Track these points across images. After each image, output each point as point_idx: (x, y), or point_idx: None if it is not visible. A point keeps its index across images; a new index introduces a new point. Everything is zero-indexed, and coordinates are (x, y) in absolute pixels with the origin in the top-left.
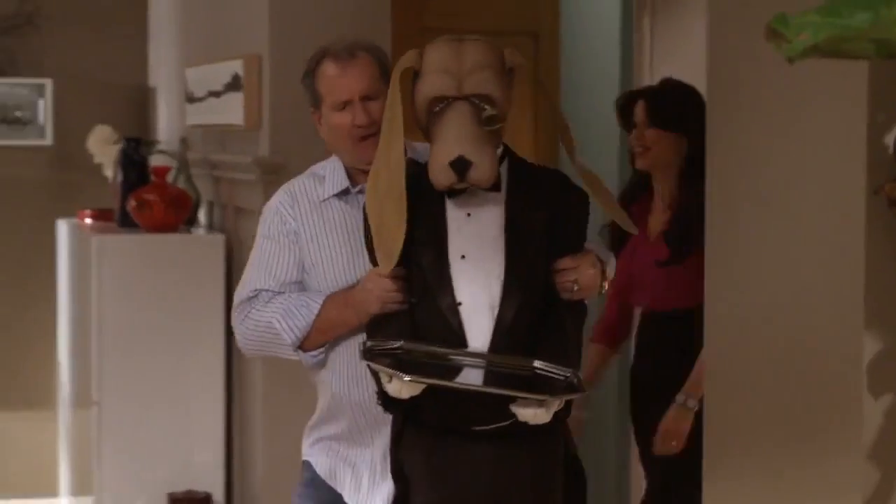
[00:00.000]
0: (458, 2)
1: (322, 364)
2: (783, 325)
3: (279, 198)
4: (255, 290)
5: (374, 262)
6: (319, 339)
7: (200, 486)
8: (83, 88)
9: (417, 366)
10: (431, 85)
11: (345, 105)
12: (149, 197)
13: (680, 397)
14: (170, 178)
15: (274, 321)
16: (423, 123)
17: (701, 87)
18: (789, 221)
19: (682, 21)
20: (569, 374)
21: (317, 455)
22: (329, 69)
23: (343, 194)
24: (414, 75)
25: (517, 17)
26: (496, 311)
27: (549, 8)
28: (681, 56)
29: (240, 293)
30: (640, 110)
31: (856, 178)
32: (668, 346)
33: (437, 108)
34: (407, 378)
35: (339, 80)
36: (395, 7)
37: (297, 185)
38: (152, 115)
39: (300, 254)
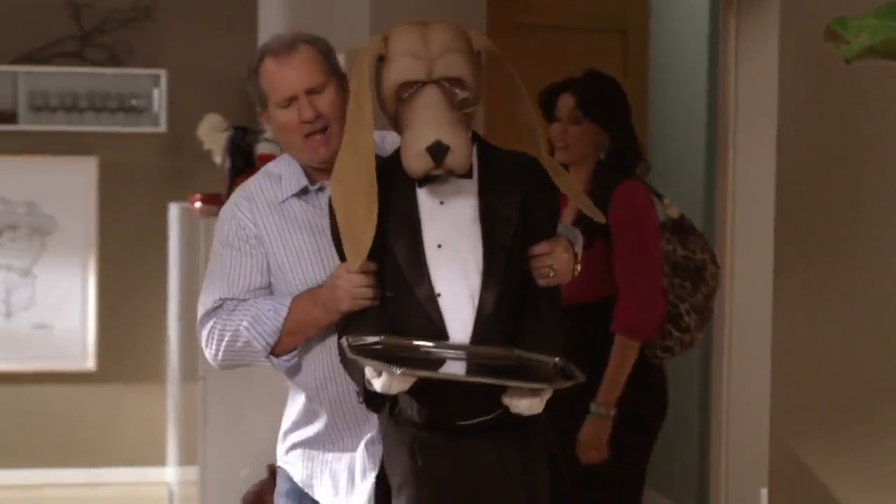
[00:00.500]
0: (544, 0)
1: (296, 367)
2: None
3: (235, 202)
4: (219, 300)
5: (342, 257)
6: (290, 342)
7: None
8: (195, 79)
9: (400, 361)
10: (400, 70)
11: (290, 101)
12: None
13: (595, 407)
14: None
15: (241, 329)
16: (390, 111)
17: (774, 85)
18: (857, 214)
19: (766, 20)
20: (556, 361)
21: (293, 462)
22: (270, 66)
23: (302, 193)
24: (377, 62)
25: (607, 15)
26: (476, 301)
27: (638, 5)
28: (764, 54)
29: (203, 304)
30: (566, 104)
31: None
32: (576, 339)
33: (406, 94)
34: (398, 371)
35: (280, 76)
36: (490, 4)
37: (253, 187)
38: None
39: (263, 258)
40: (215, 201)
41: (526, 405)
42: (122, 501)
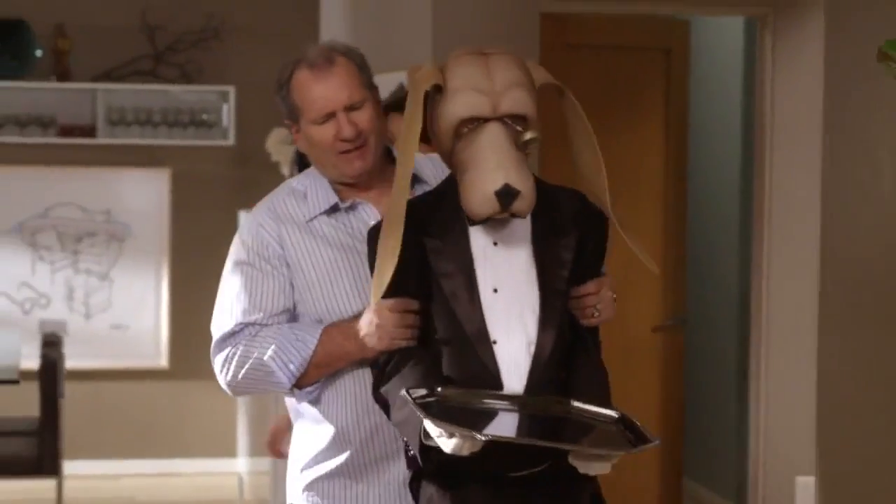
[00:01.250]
0: (599, 19)
1: (322, 399)
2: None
3: (259, 220)
4: (240, 324)
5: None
6: (316, 374)
7: None
8: (262, 94)
9: (454, 414)
10: (463, 105)
11: (327, 118)
12: None
13: None
14: None
15: (266, 358)
16: (446, 145)
17: (817, 101)
18: (890, 207)
19: (801, 40)
20: (616, 416)
21: (314, 499)
22: (305, 78)
23: (332, 211)
24: (434, 92)
25: (651, 34)
26: (532, 349)
27: (680, 26)
28: (798, 73)
29: (219, 326)
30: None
31: None
32: None
33: (466, 130)
34: (480, 437)
35: (319, 91)
36: (543, 24)
37: (277, 204)
38: None
39: (286, 280)
40: None
41: (597, 468)
42: (195, 491)
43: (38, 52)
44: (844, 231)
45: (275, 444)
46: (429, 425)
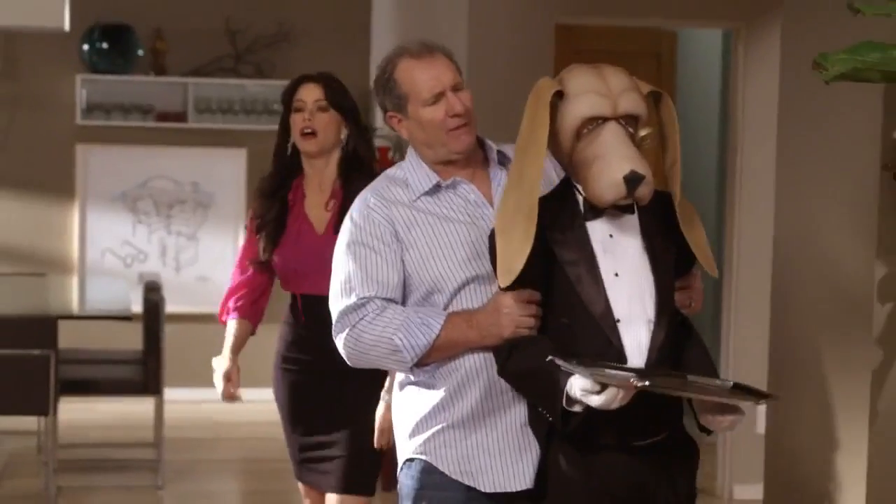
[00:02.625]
0: (603, 30)
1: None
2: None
3: (367, 202)
4: (362, 299)
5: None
6: (436, 356)
7: None
8: None
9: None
10: (587, 105)
11: (437, 98)
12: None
13: (388, 396)
14: (389, 155)
15: (395, 338)
16: (566, 146)
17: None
18: (830, 188)
19: (766, 49)
20: (731, 383)
21: (437, 451)
22: (410, 66)
23: (434, 190)
24: (555, 98)
25: (645, 42)
26: (652, 327)
27: (669, 35)
28: (764, 77)
29: (341, 302)
30: (312, 92)
31: (873, 160)
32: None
33: (587, 130)
34: (639, 383)
35: (427, 74)
36: (557, 33)
37: (382, 189)
38: (373, 110)
39: (397, 257)
40: None
41: (728, 422)
42: (261, 414)
43: (140, 52)
44: (794, 217)
45: (228, 388)
46: (578, 382)
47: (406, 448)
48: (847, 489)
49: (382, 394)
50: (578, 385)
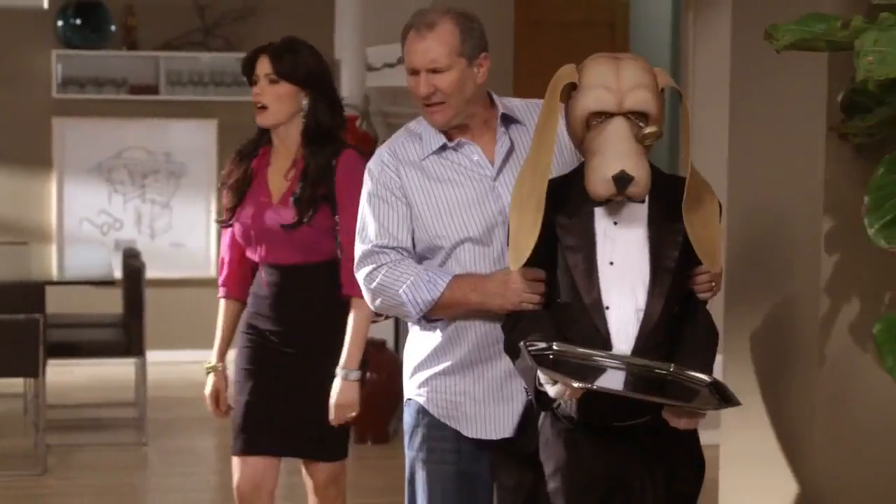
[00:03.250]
0: (554, 1)
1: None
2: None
3: (382, 159)
4: (377, 246)
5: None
6: (441, 313)
7: (378, 335)
8: None
9: (567, 366)
10: (592, 100)
11: (413, 73)
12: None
13: (342, 371)
14: (357, 123)
15: (402, 292)
16: (578, 135)
17: (726, 67)
18: (780, 148)
19: (715, 15)
20: (709, 381)
21: (429, 395)
22: (409, 38)
23: (441, 150)
24: (570, 88)
25: (599, 11)
26: (641, 316)
27: (622, 5)
28: (713, 42)
29: (360, 247)
30: (263, 65)
31: (820, 122)
32: (298, 298)
33: (595, 122)
34: (577, 385)
35: (411, 49)
36: (516, 4)
37: (397, 147)
38: (337, 80)
39: (407, 209)
40: None
41: (684, 423)
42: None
43: (113, 28)
44: (747, 178)
45: (217, 403)
46: (539, 373)
47: (407, 387)
48: (794, 429)
49: (337, 370)
50: (540, 374)
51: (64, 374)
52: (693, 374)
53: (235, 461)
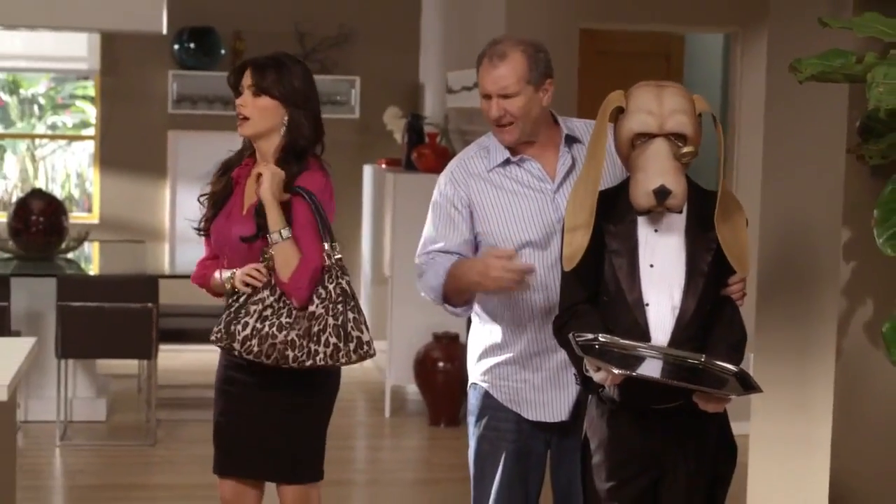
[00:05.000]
0: (621, 33)
1: (493, 310)
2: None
3: (453, 171)
4: (429, 251)
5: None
6: (458, 298)
7: (452, 329)
8: (379, 82)
9: (611, 355)
10: (637, 122)
11: (486, 97)
12: (424, 151)
13: (274, 235)
14: (437, 140)
15: (425, 277)
16: (624, 153)
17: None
18: (805, 167)
19: (760, 51)
20: (736, 371)
21: (493, 381)
22: (483, 66)
23: (505, 164)
24: (618, 111)
25: (656, 44)
26: (677, 313)
27: (677, 38)
28: (758, 76)
29: (421, 244)
30: (247, 76)
31: (840, 144)
32: None
33: (639, 143)
34: (618, 372)
35: (484, 76)
36: (581, 36)
37: (468, 161)
38: (422, 101)
39: (464, 222)
40: (395, 164)
41: (712, 406)
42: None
43: (223, 51)
44: (778, 193)
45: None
46: (585, 361)
47: (473, 372)
48: (815, 418)
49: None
50: (587, 362)
51: (173, 358)
52: (722, 364)
53: (221, 482)
